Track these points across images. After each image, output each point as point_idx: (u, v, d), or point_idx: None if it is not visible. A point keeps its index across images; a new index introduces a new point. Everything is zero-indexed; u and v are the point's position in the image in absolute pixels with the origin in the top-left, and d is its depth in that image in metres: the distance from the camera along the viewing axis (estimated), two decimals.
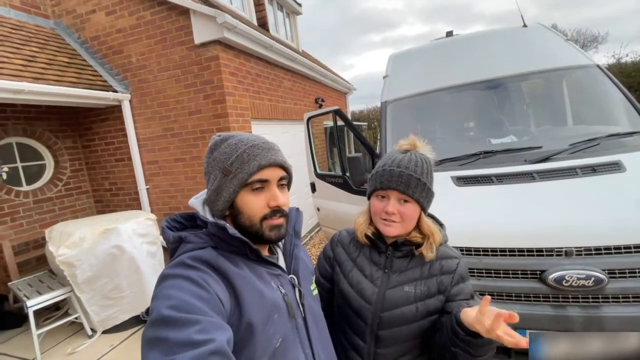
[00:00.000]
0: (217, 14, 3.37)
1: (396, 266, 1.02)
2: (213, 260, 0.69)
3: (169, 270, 0.66)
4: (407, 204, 0.97)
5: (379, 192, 1.01)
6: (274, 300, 0.73)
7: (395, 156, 1.00)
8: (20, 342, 3.09)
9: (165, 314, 0.56)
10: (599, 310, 1.43)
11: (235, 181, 0.74)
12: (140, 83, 4.03)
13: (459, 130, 2.65)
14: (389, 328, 0.98)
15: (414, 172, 0.96)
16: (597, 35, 18.46)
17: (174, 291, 0.60)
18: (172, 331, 0.54)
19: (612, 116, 2.29)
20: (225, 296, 0.66)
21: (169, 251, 0.75)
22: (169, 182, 4.12)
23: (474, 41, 3.07)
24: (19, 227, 3.73)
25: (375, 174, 1.02)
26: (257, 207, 0.75)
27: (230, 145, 0.76)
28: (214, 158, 0.77)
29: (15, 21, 3.92)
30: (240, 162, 0.74)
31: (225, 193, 0.75)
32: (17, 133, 3.82)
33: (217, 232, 0.71)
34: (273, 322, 0.71)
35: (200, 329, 0.55)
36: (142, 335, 0.57)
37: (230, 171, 0.74)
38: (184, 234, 0.73)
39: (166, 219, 0.78)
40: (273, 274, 0.79)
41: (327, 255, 1.16)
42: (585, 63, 2.43)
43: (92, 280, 2.91)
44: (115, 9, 3.98)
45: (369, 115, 19.33)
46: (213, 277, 0.66)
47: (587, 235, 1.48)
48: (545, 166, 1.86)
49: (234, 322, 0.65)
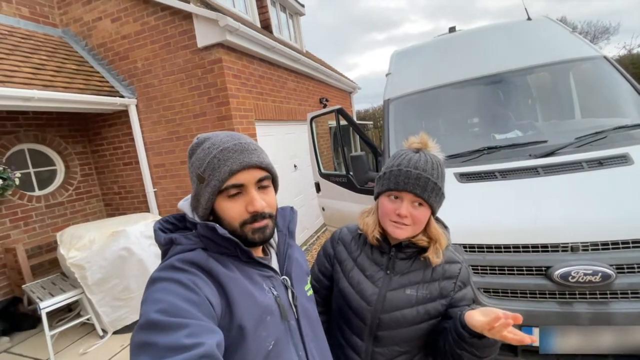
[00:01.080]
0: (219, 17, 3.40)
1: (398, 268, 1.00)
2: (203, 262, 0.68)
3: (158, 273, 0.65)
4: (420, 208, 0.93)
5: (393, 192, 0.95)
6: (266, 303, 0.72)
7: (410, 156, 0.95)
8: (34, 343, 3.17)
9: (154, 318, 0.55)
10: (608, 307, 1.40)
11: (208, 189, 0.71)
12: (146, 88, 4.10)
13: (462, 126, 2.62)
14: (388, 329, 0.97)
15: (432, 175, 0.92)
16: (608, 27, 18.04)
17: (163, 295, 0.60)
18: (161, 335, 0.53)
19: (620, 108, 2.23)
20: (216, 299, 0.65)
21: (161, 253, 0.75)
22: (175, 184, 4.18)
23: (477, 36, 3.03)
24: (32, 231, 3.83)
25: (388, 173, 0.96)
26: (235, 214, 0.72)
27: (204, 149, 0.73)
28: (192, 163, 0.75)
29: (25, 31, 4.03)
30: (212, 169, 0.71)
31: (202, 200, 0.73)
32: (29, 140, 3.93)
33: (206, 233, 0.70)
34: (265, 325, 0.70)
35: (190, 333, 0.54)
36: (130, 340, 0.57)
37: (204, 178, 0.72)
38: (175, 236, 0.72)
39: (158, 220, 0.78)
40: (265, 276, 0.77)
41: (328, 253, 1.14)
42: (592, 55, 2.37)
43: (102, 282, 2.97)
44: (120, 15, 4.05)
45: (374, 114, 19.23)
46: (203, 280, 0.65)
47: (593, 230, 1.45)
48: (550, 161, 1.83)
49: (225, 325, 0.65)
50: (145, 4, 3.87)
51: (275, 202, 0.80)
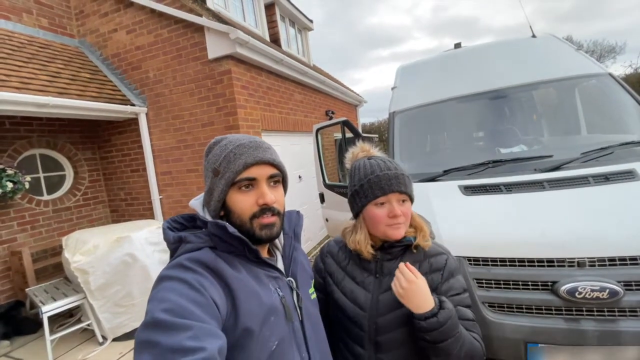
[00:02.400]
0: (230, 30, 3.51)
1: (386, 269, 1.02)
2: (211, 262, 0.69)
3: (166, 271, 0.66)
4: (405, 203, 1.00)
5: (379, 199, 0.98)
6: (271, 303, 0.73)
7: (372, 163, 1.02)
8: (34, 348, 3.16)
9: (159, 317, 0.56)
10: (616, 325, 1.36)
11: (223, 180, 0.74)
12: (157, 97, 4.20)
13: (467, 140, 2.63)
14: (387, 333, 0.97)
15: (402, 171, 1.00)
16: (614, 46, 18.17)
17: (170, 294, 0.60)
18: (164, 335, 0.54)
19: (625, 125, 2.23)
20: (222, 299, 0.65)
21: (169, 251, 0.76)
22: (181, 192, 4.22)
23: (482, 52, 3.07)
24: (38, 235, 3.87)
25: (366, 185, 0.99)
26: (245, 206, 0.74)
27: (220, 147, 0.78)
28: (208, 160, 0.80)
29: (43, 40, 4.19)
30: (227, 162, 0.74)
31: (215, 193, 0.76)
32: (41, 145, 4.02)
33: (217, 231, 0.72)
34: (269, 325, 0.71)
35: (193, 335, 0.54)
36: (135, 336, 0.57)
37: (219, 171, 0.75)
38: (184, 234, 0.74)
39: (167, 220, 0.79)
40: (271, 276, 0.78)
41: (318, 268, 1.15)
42: (597, 72, 2.39)
43: (105, 288, 2.98)
44: (135, 27, 4.20)
45: (379, 128, 19.36)
46: (210, 280, 0.66)
47: (600, 246, 1.43)
48: (556, 175, 1.82)
49: (229, 326, 0.65)
50: (159, 17, 4.01)
51: (284, 202, 0.82)
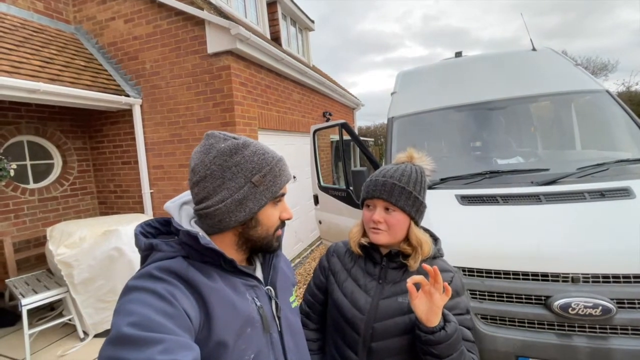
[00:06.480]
0: (231, 25, 3.46)
1: (390, 277, 1.02)
2: (183, 272, 0.65)
3: (134, 282, 0.61)
4: (393, 213, 0.99)
5: (367, 201, 1.05)
6: (248, 314, 0.70)
7: (388, 168, 1.04)
8: (11, 341, 3.05)
9: (125, 332, 0.51)
10: (607, 342, 1.36)
11: (267, 194, 0.73)
12: (152, 89, 4.12)
13: (465, 149, 2.64)
14: (382, 339, 0.96)
15: (399, 180, 0.99)
16: (606, 63, 18.55)
17: (137, 306, 0.56)
18: (132, 351, 0.50)
19: (621, 142, 2.25)
20: (195, 311, 0.62)
21: (140, 258, 0.71)
22: (172, 187, 4.14)
23: (483, 62, 3.09)
24: (21, 225, 3.75)
25: (365, 185, 1.06)
26: (275, 219, 0.77)
27: (257, 154, 0.73)
28: (236, 163, 0.71)
29: (37, 25, 4.07)
30: (273, 176, 0.75)
31: (251, 204, 0.71)
32: (29, 132, 3.90)
33: (188, 241, 0.67)
34: (245, 337, 0.68)
35: (164, 349, 0.50)
36: (99, 354, 0.53)
37: (263, 182, 0.73)
38: (155, 242, 0.69)
39: (140, 224, 0.74)
40: (249, 285, 0.75)
41: (323, 266, 1.17)
42: (594, 88, 2.42)
43: (89, 282, 2.89)
44: (133, 17, 4.11)
45: (375, 132, 19.45)
46: (181, 290, 0.62)
47: (594, 262, 1.43)
48: (553, 189, 1.83)
49: (202, 338, 0.62)
50: (159, 8, 3.93)
51: None
